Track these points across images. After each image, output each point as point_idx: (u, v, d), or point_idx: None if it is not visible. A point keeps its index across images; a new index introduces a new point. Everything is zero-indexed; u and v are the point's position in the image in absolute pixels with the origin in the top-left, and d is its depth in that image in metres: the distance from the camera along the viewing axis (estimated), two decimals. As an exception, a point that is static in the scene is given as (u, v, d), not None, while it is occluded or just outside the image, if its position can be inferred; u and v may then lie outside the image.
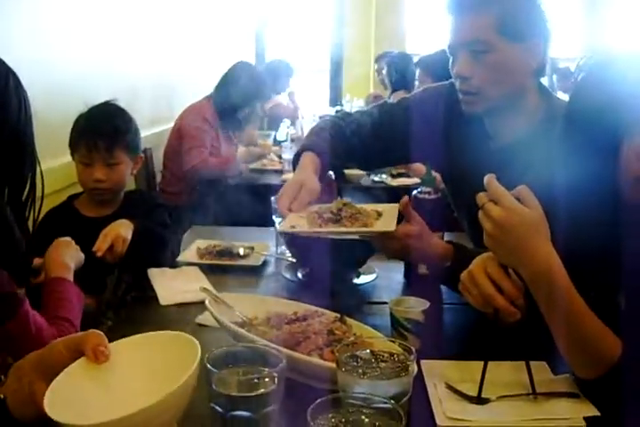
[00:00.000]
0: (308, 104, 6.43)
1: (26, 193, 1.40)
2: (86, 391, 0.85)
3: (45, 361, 0.87)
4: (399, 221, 1.53)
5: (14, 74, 1.36)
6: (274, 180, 3.59)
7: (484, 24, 1.51)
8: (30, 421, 0.85)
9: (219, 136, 3.73)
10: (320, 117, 3.51)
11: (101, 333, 0.89)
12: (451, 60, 1.60)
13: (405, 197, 1.57)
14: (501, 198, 1.10)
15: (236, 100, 3.65)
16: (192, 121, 3.61)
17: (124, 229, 1.85)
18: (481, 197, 1.13)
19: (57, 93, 2.52)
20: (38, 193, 1.43)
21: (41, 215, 2.04)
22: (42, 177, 1.43)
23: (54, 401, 0.79)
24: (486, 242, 1.14)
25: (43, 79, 2.35)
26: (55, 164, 2.37)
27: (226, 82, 3.78)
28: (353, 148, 1.82)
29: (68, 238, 1.71)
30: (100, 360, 0.86)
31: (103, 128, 2.04)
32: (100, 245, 1.78)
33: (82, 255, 1.69)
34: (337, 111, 5.30)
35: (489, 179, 1.13)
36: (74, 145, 2.08)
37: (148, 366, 0.91)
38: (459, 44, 1.56)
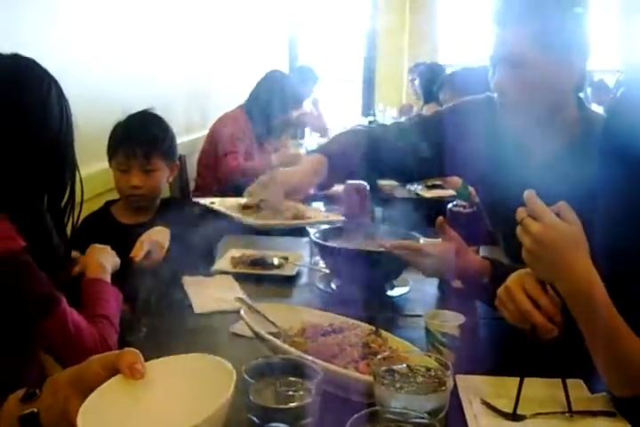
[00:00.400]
0: (334, 113, 6.41)
1: (65, 200, 1.43)
2: (119, 410, 0.83)
3: (81, 377, 0.86)
4: None
5: (56, 82, 1.38)
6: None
7: (525, 37, 1.48)
8: None
9: (252, 145, 3.76)
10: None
11: (137, 351, 0.88)
12: (490, 72, 1.59)
13: (441, 218, 1.56)
14: (541, 214, 1.10)
15: (269, 109, 3.67)
16: (226, 129, 3.64)
17: (161, 236, 1.86)
18: (520, 212, 1.13)
19: (96, 102, 2.55)
20: (77, 199, 1.46)
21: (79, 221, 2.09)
22: (81, 184, 1.46)
23: (87, 419, 0.77)
24: (524, 257, 1.13)
25: (82, 88, 2.39)
26: (93, 170, 2.40)
27: (259, 91, 3.82)
28: (387, 159, 1.81)
29: (103, 245, 1.72)
30: (136, 377, 0.84)
31: (141, 136, 2.07)
32: (138, 252, 1.80)
33: (117, 260, 1.70)
34: (370, 122, 5.31)
35: (529, 194, 1.12)
36: (112, 152, 2.11)
37: (181, 388, 0.89)
38: (500, 57, 1.55)
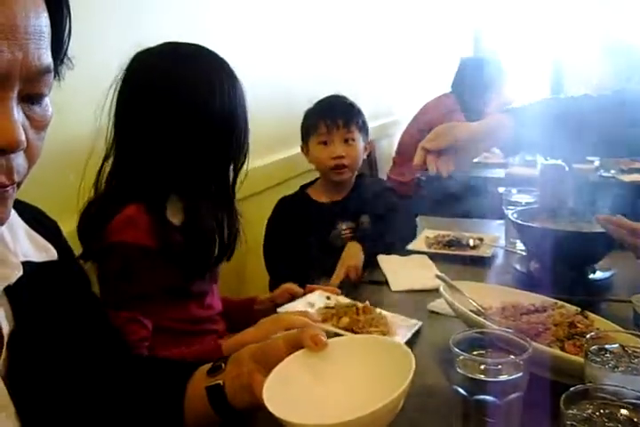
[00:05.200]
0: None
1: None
2: (300, 385, 0.84)
3: (265, 353, 0.87)
4: None
5: (228, 71, 1.40)
6: (497, 173, 3.53)
7: None
8: (244, 408, 0.87)
9: None
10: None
11: (318, 327, 0.90)
12: None
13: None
14: None
15: (478, 94, 3.74)
16: (437, 115, 3.66)
17: (354, 260, 1.93)
18: None
19: (283, 92, 2.68)
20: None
21: (273, 203, 2.19)
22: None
23: (272, 393, 0.78)
24: None
25: (267, 80, 2.50)
26: (283, 155, 2.53)
27: (462, 77, 3.88)
28: (598, 131, 1.71)
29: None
30: (319, 348, 0.84)
31: (340, 106, 2.16)
32: (335, 281, 1.89)
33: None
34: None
35: None
36: (310, 129, 2.19)
37: (359, 368, 0.88)
38: None
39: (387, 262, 1.81)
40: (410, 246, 1.95)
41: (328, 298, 1.49)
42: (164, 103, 1.32)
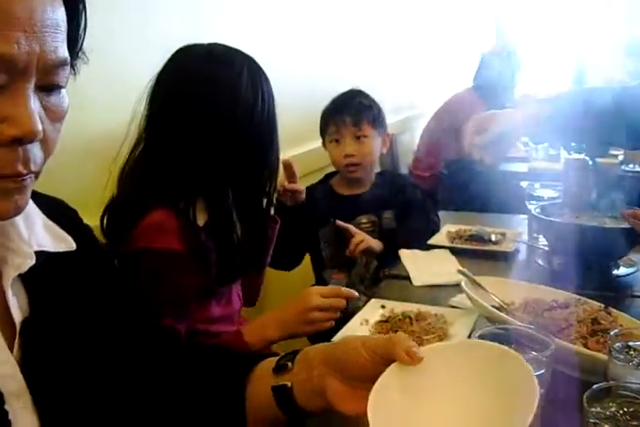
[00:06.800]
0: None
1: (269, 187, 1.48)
2: (404, 406, 0.74)
3: (338, 358, 0.80)
4: None
5: (252, 66, 1.40)
6: (520, 167, 3.50)
7: None
8: (316, 411, 0.83)
9: None
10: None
11: (407, 336, 0.79)
12: None
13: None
14: None
15: (496, 89, 3.69)
16: (461, 114, 3.64)
17: (369, 240, 1.99)
18: None
19: (305, 85, 2.68)
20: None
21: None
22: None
23: (377, 413, 0.70)
24: None
25: (291, 75, 2.50)
26: (304, 149, 2.53)
27: (483, 71, 3.83)
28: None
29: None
30: (415, 362, 0.74)
31: (348, 104, 2.16)
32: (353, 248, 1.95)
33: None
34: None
35: None
36: (325, 127, 2.20)
37: (465, 381, 0.75)
38: None
39: (408, 257, 1.81)
40: (431, 241, 1.95)
41: (382, 307, 1.49)
42: (201, 107, 1.32)
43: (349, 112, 2.13)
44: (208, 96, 1.32)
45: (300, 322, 1.33)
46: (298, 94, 2.58)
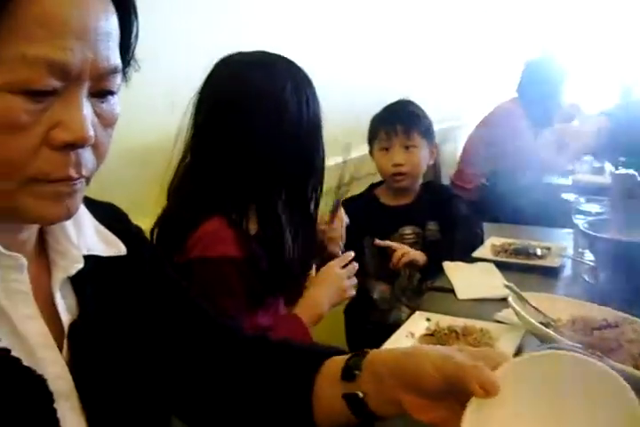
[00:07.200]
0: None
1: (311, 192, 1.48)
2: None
3: (407, 372, 0.76)
4: None
5: (296, 74, 1.40)
6: (564, 180, 3.47)
7: None
8: (389, 416, 0.81)
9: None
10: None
11: (477, 365, 0.70)
12: None
13: None
14: None
15: (541, 98, 3.58)
16: (504, 129, 3.57)
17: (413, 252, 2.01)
18: None
19: (350, 94, 2.69)
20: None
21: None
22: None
23: None
24: None
25: (338, 83, 2.52)
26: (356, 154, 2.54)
27: (527, 81, 3.74)
28: None
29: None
30: (492, 394, 0.67)
31: (400, 113, 2.17)
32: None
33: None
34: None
35: None
36: (373, 134, 2.21)
37: (551, 400, 0.68)
38: None
39: (453, 269, 1.81)
40: (476, 253, 1.94)
41: (428, 320, 1.49)
42: (247, 116, 1.32)
43: (401, 121, 2.13)
44: (252, 104, 1.33)
45: (340, 292, 1.50)
46: (340, 104, 2.59)
